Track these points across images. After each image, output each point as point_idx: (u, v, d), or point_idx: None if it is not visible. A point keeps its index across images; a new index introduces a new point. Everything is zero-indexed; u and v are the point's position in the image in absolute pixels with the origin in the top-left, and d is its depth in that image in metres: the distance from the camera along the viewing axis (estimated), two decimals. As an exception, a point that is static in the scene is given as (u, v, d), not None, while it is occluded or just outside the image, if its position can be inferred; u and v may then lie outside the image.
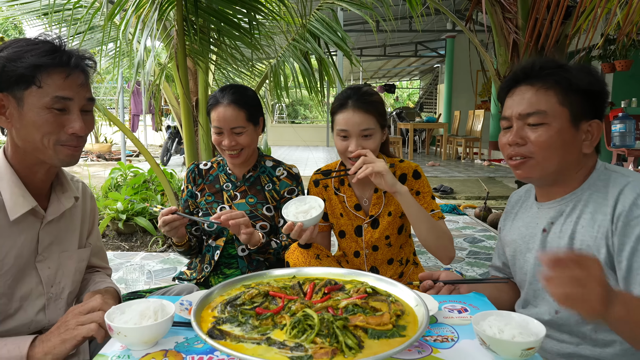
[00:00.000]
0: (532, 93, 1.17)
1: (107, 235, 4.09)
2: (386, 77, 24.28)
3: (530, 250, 1.30)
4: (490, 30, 3.33)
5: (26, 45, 1.07)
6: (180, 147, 9.60)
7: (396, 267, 1.78)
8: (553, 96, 1.15)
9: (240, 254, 1.81)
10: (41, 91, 1.06)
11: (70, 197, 1.26)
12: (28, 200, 1.13)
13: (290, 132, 16.34)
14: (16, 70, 1.04)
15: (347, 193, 1.77)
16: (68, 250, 1.27)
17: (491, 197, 5.78)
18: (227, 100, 1.73)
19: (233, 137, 1.73)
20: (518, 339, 0.87)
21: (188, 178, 1.90)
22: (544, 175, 1.20)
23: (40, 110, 1.07)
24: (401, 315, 0.95)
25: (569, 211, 1.21)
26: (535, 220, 1.30)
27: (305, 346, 0.83)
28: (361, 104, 1.60)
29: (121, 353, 0.94)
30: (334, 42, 3.36)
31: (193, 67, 3.58)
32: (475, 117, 10.52)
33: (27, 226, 1.16)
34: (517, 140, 1.18)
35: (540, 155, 1.16)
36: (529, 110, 1.16)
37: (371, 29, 4.64)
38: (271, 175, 1.85)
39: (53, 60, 1.07)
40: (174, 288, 1.48)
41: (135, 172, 5.05)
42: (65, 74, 1.08)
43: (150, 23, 2.58)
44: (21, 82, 1.05)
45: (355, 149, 1.59)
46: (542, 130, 1.15)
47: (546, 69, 1.17)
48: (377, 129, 1.63)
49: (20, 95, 1.06)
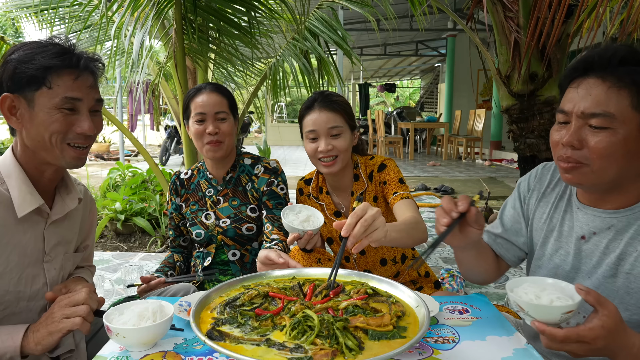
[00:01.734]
0: (602, 90, 0.98)
1: (105, 236, 4.09)
2: (387, 77, 24.27)
3: (557, 251, 1.18)
4: (491, 29, 3.32)
5: (37, 48, 1.10)
6: (179, 147, 9.59)
7: (390, 267, 1.76)
8: (626, 97, 0.97)
9: (231, 259, 1.79)
10: (51, 92, 1.09)
11: (74, 198, 1.28)
12: (36, 198, 1.15)
13: (290, 131, 16.33)
14: (27, 71, 1.07)
15: (326, 201, 1.75)
16: (68, 253, 1.30)
17: (492, 197, 5.77)
18: (210, 88, 1.73)
19: (216, 123, 1.70)
20: (557, 303, 0.86)
21: (171, 190, 1.87)
22: (596, 184, 1.04)
23: (50, 110, 1.10)
24: (402, 316, 0.94)
25: (622, 228, 1.06)
26: (572, 221, 1.16)
27: (305, 347, 0.82)
28: (327, 104, 1.61)
29: (120, 354, 0.93)
30: (334, 41, 3.35)
31: (192, 66, 3.57)
32: (476, 117, 10.51)
33: (32, 225, 1.17)
34: (574, 142, 1.01)
35: (596, 164, 1.00)
36: (595, 110, 0.98)
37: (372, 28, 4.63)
38: (250, 174, 1.82)
39: (63, 62, 1.10)
40: (170, 288, 1.47)
41: (134, 172, 5.04)
42: (75, 75, 1.11)
43: (148, 21, 2.57)
44: (32, 84, 1.08)
45: (325, 147, 1.57)
46: (604, 135, 0.98)
47: (626, 63, 0.98)
48: (345, 128, 1.62)
49: (31, 96, 1.09)
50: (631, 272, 1.04)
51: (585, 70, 1.02)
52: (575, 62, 1.07)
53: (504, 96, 3.32)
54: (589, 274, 1.12)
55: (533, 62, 3.08)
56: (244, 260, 1.80)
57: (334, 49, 4.60)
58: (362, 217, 1.04)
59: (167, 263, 1.84)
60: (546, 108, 3.14)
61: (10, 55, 1.10)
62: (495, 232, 1.32)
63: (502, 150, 10.63)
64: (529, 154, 3.25)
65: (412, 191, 6.36)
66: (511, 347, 0.95)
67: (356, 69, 18.58)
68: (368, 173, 1.68)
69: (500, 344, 0.97)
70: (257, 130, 21.86)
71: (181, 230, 1.89)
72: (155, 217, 4.10)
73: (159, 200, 4.18)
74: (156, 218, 4.10)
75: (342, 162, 1.61)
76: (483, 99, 12.92)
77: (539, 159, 3.19)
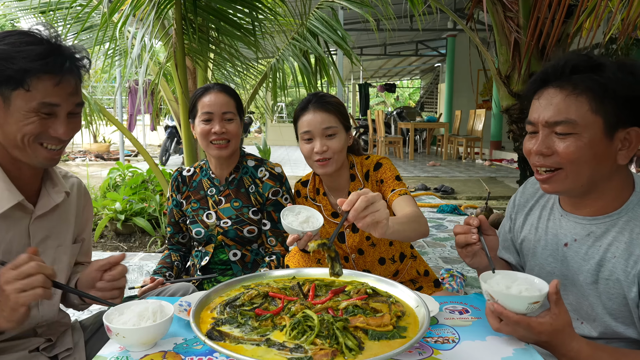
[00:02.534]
0: (561, 98, 1.03)
1: (105, 236, 4.09)
2: (387, 77, 24.28)
3: (546, 259, 1.21)
4: (491, 29, 3.32)
5: (19, 45, 1.03)
6: (179, 147, 9.59)
7: (388, 265, 1.76)
8: (585, 103, 1.00)
9: (232, 259, 1.79)
10: (29, 95, 1.04)
11: (61, 192, 1.25)
12: (14, 195, 1.12)
13: (290, 131, 16.30)
14: (5, 71, 1.02)
15: (323, 202, 1.75)
16: (63, 245, 1.28)
17: (492, 197, 5.77)
18: (218, 88, 1.74)
19: (223, 123, 1.70)
20: (524, 293, 0.95)
21: (172, 186, 1.87)
22: (573, 188, 1.08)
23: (26, 113, 1.05)
24: (402, 317, 0.94)
25: (600, 234, 1.09)
26: (555, 229, 1.19)
27: (305, 347, 0.82)
28: (321, 105, 1.62)
29: (120, 354, 0.93)
30: (334, 41, 3.35)
31: (192, 66, 3.57)
32: (476, 117, 10.51)
33: (15, 221, 1.16)
34: (543, 150, 1.06)
35: (568, 168, 1.04)
36: (557, 119, 1.03)
37: (371, 28, 4.63)
38: (254, 177, 1.81)
39: (45, 67, 1.04)
40: (169, 288, 1.47)
41: (134, 172, 5.04)
42: (56, 81, 1.06)
43: (150, 22, 2.57)
44: (10, 83, 1.03)
45: (321, 148, 1.59)
46: (570, 140, 1.02)
47: (578, 71, 1.02)
48: (340, 128, 1.63)
49: (8, 94, 1.04)
50: (610, 278, 1.06)
51: (543, 81, 1.08)
52: (535, 75, 1.13)
53: (504, 96, 3.32)
54: (573, 280, 1.13)
55: (533, 62, 3.08)
56: (245, 260, 1.80)
57: (334, 49, 4.60)
58: (364, 194, 1.05)
59: (164, 263, 1.83)
60: (546, 108, 3.13)
61: None
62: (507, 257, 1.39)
63: (502, 150, 10.63)
64: (528, 154, 3.25)
65: (412, 191, 6.36)
66: (511, 347, 0.96)
67: (356, 69, 18.58)
68: (364, 173, 1.69)
69: (500, 344, 0.97)
70: (257, 130, 21.86)
71: (180, 227, 1.88)
72: (155, 217, 4.10)
73: (159, 200, 4.18)
74: (156, 218, 4.10)
75: (337, 162, 1.62)
76: (483, 99, 12.92)
77: (539, 159, 3.18)
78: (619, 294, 1.05)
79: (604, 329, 1.09)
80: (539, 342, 0.97)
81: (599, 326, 1.10)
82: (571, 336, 0.96)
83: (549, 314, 0.94)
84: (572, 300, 1.15)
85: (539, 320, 0.94)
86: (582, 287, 1.11)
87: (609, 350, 0.98)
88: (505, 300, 0.94)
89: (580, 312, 1.14)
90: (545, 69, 1.09)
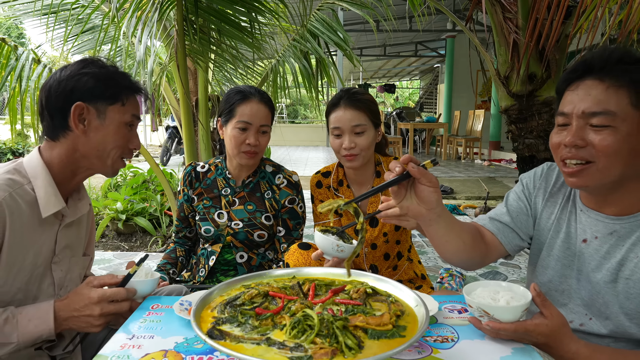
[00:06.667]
0: (602, 90, 1.00)
1: (106, 236, 4.09)
2: (386, 77, 24.28)
3: (564, 252, 1.19)
4: (490, 30, 3.33)
5: (113, 69, 1.26)
6: (180, 147, 9.59)
7: (391, 260, 1.80)
8: (625, 96, 0.98)
9: (239, 261, 1.79)
10: (124, 109, 1.25)
11: (86, 204, 1.35)
12: (59, 201, 1.20)
13: (290, 132, 16.33)
14: (109, 89, 1.22)
15: (346, 193, 1.78)
16: (76, 256, 1.33)
17: (491, 197, 5.78)
18: (259, 98, 1.71)
19: (257, 135, 1.71)
20: (514, 303, 0.95)
21: (184, 181, 1.85)
22: (602, 184, 1.04)
23: (121, 124, 1.24)
24: (401, 316, 0.95)
25: (624, 234, 1.07)
26: (576, 223, 1.16)
27: (305, 346, 0.82)
28: (352, 102, 1.66)
29: (120, 353, 0.94)
30: (334, 42, 3.36)
31: (193, 67, 3.58)
32: (475, 117, 10.52)
33: (49, 227, 1.22)
34: (577, 141, 1.01)
35: (602, 162, 1.00)
36: (595, 109, 0.99)
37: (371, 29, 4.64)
38: (271, 183, 1.81)
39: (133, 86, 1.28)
40: (163, 289, 1.47)
41: (135, 172, 5.05)
42: (137, 98, 1.30)
43: (152, 23, 2.57)
44: (110, 98, 1.22)
45: (349, 145, 1.64)
46: (606, 133, 0.99)
47: (623, 63, 1.00)
48: (369, 125, 1.66)
49: (104, 108, 1.21)
50: (631, 278, 1.05)
51: (584, 72, 1.04)
52: (573, 65, 1.08)
53: (503, 97, 3.33)
54: (588, 277, 1.12)
55: (532, 62, 3.09)
56: (251, 264, 1.80)
57: (334, 50, 4.61)
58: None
59: (169, 259, 1.83)
60: (545, 108, 3.14)
61: (82, 69, 1.20)
62: (501, 220, 1.29)
63: (501, 151, 10.64)
64: (527, 154, 3.26)
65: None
66: (510, 346, 0.96)
67: (356, 69, 18.59)
68: None
69: (499, 343, 0.97)
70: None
71: (189, 222, 1.88)
72: (156, 216, 4.11)
73: (160, 200, 4.19)
74: (157, 218, 4.11)
75: (364, 158, 1.68)
76: (482, 100, 12.93)
77: (538, 159, 3.20)
78: (639, 294, 1.04)
79: (616, 327, 1.08)
80: (538, 344, 0.97)
81: (610, 324, 1.09)
82: (569, 337, 0.97)
83: (542, 316, 0.95)
84: (584, 296, 1.14)
85: (535, 322, 0.95)
86: (597, 284, 1.10)
87: (608, 352, 0.98)
88: (501, 313, 0.94)
89: (591, 308, 1.13)
90: (589, 58, 1.05)
